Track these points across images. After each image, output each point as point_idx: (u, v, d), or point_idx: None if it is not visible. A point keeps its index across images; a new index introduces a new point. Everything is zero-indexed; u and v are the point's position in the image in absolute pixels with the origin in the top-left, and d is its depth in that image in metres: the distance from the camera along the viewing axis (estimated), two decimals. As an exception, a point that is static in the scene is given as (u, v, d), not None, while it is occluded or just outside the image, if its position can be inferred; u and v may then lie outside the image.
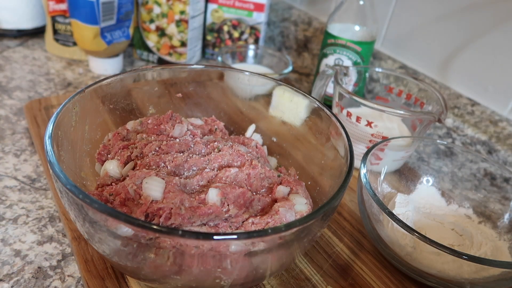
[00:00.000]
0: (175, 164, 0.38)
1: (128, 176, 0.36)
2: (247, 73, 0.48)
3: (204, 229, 0.33)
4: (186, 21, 0.76)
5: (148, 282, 0.35)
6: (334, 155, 0.41)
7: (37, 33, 0.84)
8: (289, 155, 0.49)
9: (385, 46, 0.73)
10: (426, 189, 0.51)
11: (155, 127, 0.43)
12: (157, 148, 0.39)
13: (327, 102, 0.69)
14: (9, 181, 0.49)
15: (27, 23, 0.82)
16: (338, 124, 0.40)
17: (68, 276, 0.39)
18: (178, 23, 0.77)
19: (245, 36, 0.84)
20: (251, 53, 0.77)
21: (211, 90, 0.51)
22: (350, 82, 0.61)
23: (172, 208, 0.33)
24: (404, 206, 0.47)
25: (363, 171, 0.43)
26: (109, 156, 0.41)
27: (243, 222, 0.35)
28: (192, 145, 0.41)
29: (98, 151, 0.42)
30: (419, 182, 0.52)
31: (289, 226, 0.29)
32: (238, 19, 0.82)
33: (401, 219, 0.41)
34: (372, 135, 0.53)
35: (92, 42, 0.70)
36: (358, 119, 0.53)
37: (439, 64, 0.66)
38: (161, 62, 0.81)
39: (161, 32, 0.78)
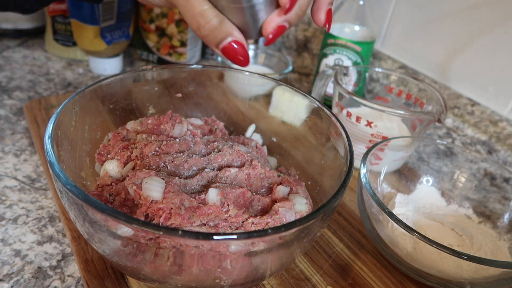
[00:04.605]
0: (175, 164, 0.38)
1: (128, 176, 0.36)
2: (247, 73, 0.48)
3: (204, 229, 0.33)
4: (186, 21, 0.76)
5: (148, 282, 0.35)
6: (334, 155, 0.41)
7: (37, 33, 0.84)
8: (289, 155, 0.49)
9: (385, 46, 0.73)
10: (426, 189, 0.51)
11: (155, 127, 0.43)
12: (157, 148, 0.39)
13: (327, 102, 0.69)
14: (9, 181, 0.49)
15: (26, 23, 0.82)
16: (338, 124, 0.40)
17: (68, 276, 0.39)
18: (178, 23, 0.76)
19: (245, 36, 0.84)
20: (251, 53, 0.77)
21: (211, 90, 0.51)
22: (350, 82, 0.61)
23: (172, 208, 0.33)
24: (404, 206, 0.47)
25: (363, 171, 0.43)
26: (109, 156, 0.41)
27: (243, 222, 0.35)
28: (192, 145, 0.41)
29: (98, 151, 0.42)
30: (419, 182, 0.52)
31: (289, 226, 0.29)
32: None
33: (401, 219, 0.42)
34: (372, 135, 0.53)
35: (92, 42, 0.70)
36: (358, 119, 0.53)
37: (439, 64, 0.66)
38: (161, 62, 0.81)
39: (161, 32, 0.78)
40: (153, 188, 0.34)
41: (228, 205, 0.35)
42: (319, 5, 0.34)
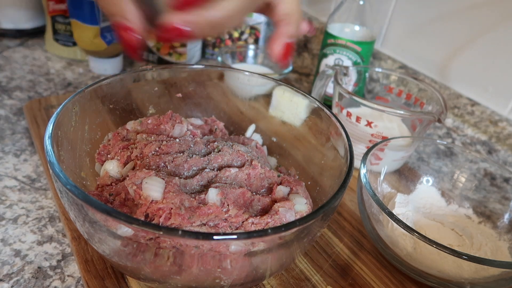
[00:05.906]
0: (175, 164, 0.38)
1: (128, 176, 0.36)
2: (247, 73, 0.48)
3: (204, 229, 0.33)
4: (186, 21, 0.76)
5: (148, 282, 0.35)
6: (334, 155, 0.41)
7: (37, 33, 0.84)
8: (289, 155, 0.49)
9: (385, 46, 0.73)
10: (426, 189, 0.51)
11: (155, 127, 0.43)
12: (157, 148, 0.39)
13: (327, 102, 0.69)
14: (9, 181, 0.49)
15: (27, 23, 0.82)
16: (338, 124, 0.40)
17: (68, 276, 0.39)
18: (178, 23, 0.76)
19: (245, 36, 0.84)
20: (251, 53, 0.77)
21: (211, 90, 0.51)
22: (350, 82, 0.61)
23: (172, 208, 0.33)
24: (404, 206, 0.47)
25: (363, 171, 0.43)
26: (109, 156, 0.41)
27: (243, 222, 0.35)
28: (192, 145, 0.41)
29: (98, 151, 0.42)
30: (419, 182, 0.52)
31: (289, 226, 0.29)
32: (238, 19, 0.82)
33: (401, 219, 0.42)
34: (372, 135, 0.53)
35: (92, 42, 0.70)
36: (358, 119, 0.53)
37: (439, 64, 0.66)
38: (161, 62, 0.81)
39: (161, 32, 0.78)
40: (153, 188, 0.34)
41: (228, 205, 0.35)
42: (275, 35, 0.31)
